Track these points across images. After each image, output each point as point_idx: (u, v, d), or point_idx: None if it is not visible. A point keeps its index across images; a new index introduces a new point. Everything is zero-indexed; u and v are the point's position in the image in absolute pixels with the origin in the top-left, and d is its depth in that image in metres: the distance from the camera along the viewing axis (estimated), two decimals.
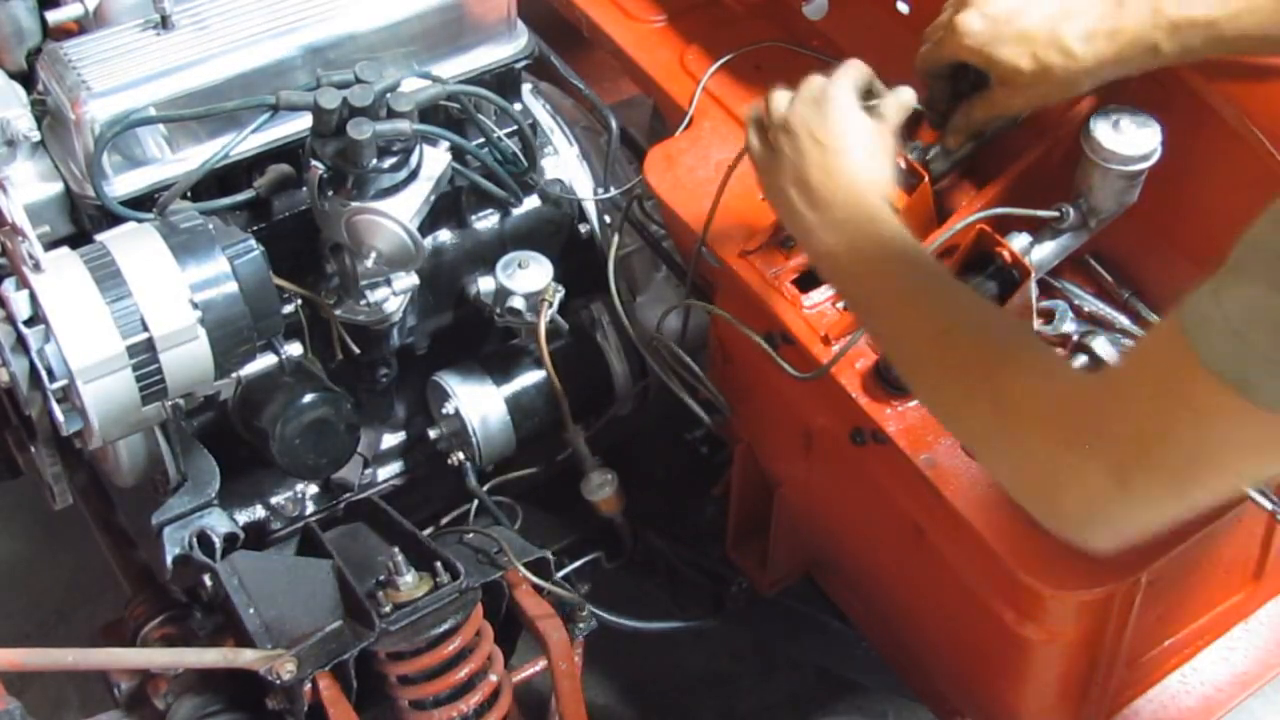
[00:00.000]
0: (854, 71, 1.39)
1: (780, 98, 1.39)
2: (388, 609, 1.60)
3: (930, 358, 1.21)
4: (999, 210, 1.51)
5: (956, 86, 1.51)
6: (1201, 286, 0.95)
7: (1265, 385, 0.92)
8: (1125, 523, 1.08)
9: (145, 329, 1.42)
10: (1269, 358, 0.91)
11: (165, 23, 1.60)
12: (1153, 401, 1.01)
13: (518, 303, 1.77)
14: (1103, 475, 1.04)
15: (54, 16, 1.67)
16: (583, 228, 1.87)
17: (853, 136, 1.34)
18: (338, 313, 1.69)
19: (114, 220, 1.55)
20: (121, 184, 1.58)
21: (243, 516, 1.79)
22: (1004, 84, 1.43)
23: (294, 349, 1.61)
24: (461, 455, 1.84)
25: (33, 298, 1.41)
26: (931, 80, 1.51)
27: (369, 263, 1.58)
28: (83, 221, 1.61)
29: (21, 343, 1.43)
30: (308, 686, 1.57)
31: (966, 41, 1.41)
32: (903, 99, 1.41)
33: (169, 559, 1.64)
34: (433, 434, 1.86)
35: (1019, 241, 1.52)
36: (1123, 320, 1.56)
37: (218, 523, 1.66)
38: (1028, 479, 1.12)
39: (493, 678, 1.68)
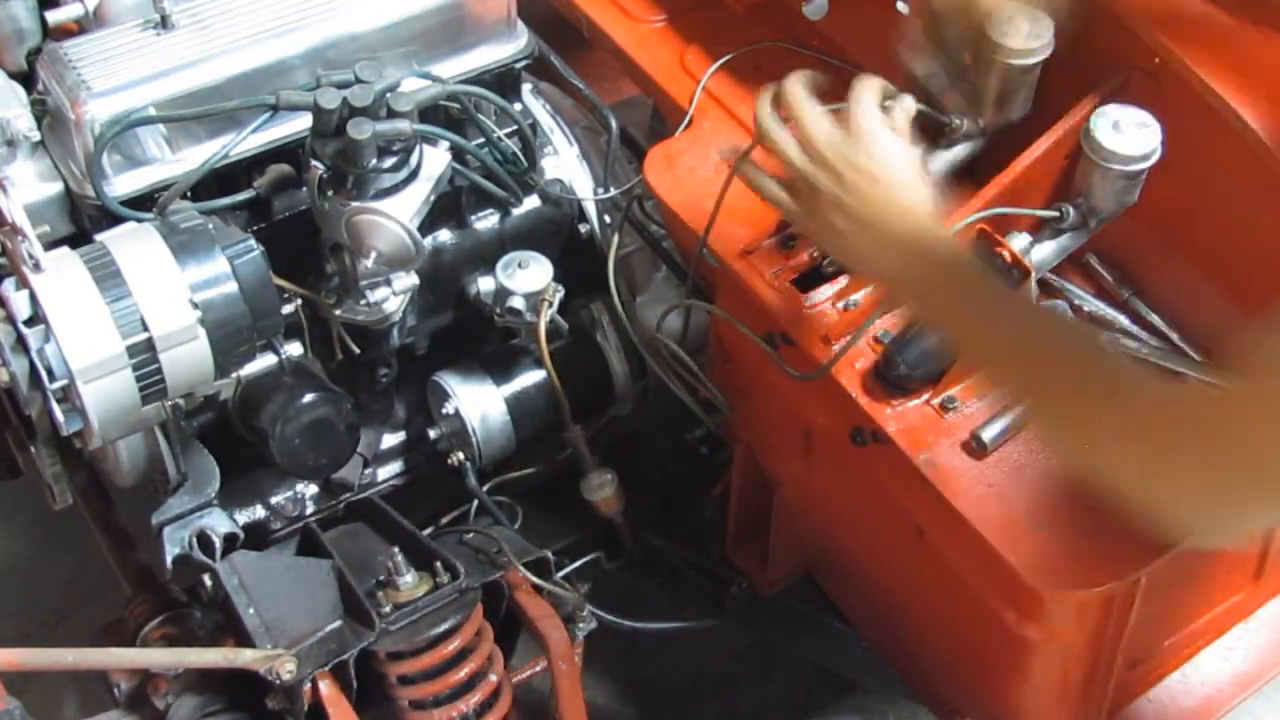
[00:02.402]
0: (871, 92, 1.37)
1: (795, 140, 1.36)
2: (387, 609, 1.60)
3: (1025, 369, 1.24)
4: (999, 210, 1.51)
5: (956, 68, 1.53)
6: None
7: None
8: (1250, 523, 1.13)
9: (145, 329, 1.42)
10: None
11: (165, 23, 1.60)
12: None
13: (518, 303, 1.77)
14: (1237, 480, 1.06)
15: (54, 16, 1.67)
16: (583, 228, 1.87)
17: (891, 160, 1.33)
18: (338, 313, 1.69)
19: (114, 220, 1.55)
20: (121, 184, 1.58)
21: (243, 516, 1.79)
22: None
23: (294, 349, 1.61)
24: (461, 455, 1.84)
25: (33, 298, 1.41)
26: (929, 73, 1.53)
27: (369, 263, 1.58)
28: (83, 221, 1.61)
29: (21, 343, 1.42)
30: (308, 686, 1.58)
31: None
32: (907, 106, 1.41)
33: (169, 559, 1.64)
34: (433, 434, 1.86)
35: (1019, 241, 1.52)
36: (1123, 320, 1.56)
37: (218, 523, 1.66)
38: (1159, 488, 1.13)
39: (493, 678, 1.69)
